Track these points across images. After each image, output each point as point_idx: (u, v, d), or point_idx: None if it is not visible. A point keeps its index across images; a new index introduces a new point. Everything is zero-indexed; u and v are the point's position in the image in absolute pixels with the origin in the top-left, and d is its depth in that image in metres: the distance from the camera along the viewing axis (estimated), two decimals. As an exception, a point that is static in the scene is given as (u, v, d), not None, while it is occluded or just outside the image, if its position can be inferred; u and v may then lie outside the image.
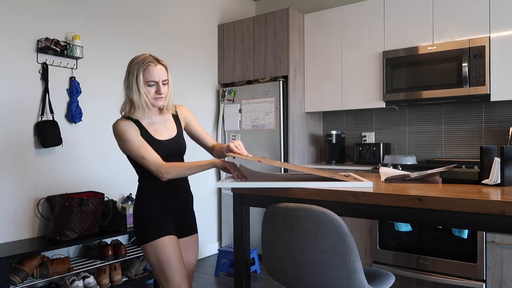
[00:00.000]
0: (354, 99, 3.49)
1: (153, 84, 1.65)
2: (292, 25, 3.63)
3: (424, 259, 2.77)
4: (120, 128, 1.65)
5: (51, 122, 2.65)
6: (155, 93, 1.67)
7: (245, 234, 1.67)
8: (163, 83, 1.68)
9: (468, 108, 3.27)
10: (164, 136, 1.74)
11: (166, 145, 1.72)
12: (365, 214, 1.37)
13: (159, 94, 1.67)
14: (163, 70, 1.68)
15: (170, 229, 1.71)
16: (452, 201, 1.19)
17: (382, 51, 3.31)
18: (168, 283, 1.63)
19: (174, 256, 1.65)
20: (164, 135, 1.74)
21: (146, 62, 1.64)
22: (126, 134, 1.64)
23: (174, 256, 1.65)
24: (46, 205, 2.67)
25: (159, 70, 1.66)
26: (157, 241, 1.64)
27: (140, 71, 1.63)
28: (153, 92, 1.66)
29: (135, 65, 1.65)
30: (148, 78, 1.64)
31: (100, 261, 2.66)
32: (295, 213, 1.34)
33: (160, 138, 1.72)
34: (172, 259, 1.64)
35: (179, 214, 1.79)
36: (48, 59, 2.68)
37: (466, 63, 2.88)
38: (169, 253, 1.64)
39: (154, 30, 3.43)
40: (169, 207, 1.75)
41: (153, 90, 1.66)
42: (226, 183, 1.56)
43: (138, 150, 1.64)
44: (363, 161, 3.49)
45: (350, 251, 1.26)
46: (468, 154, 3.27)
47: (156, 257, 1.64)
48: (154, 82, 1.65)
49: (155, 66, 1.65)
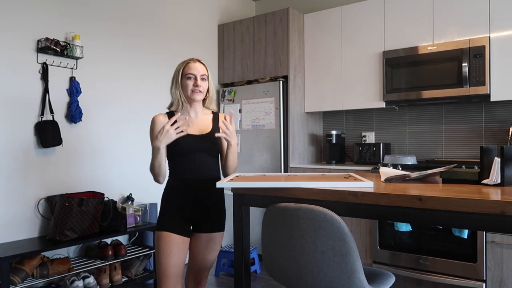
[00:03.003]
0: (354, 99, 3.49)
1: (192, 77, 1.82)
2: (292, 25, 3.63)
3: (424, 259, 2.77)
4: (151, 122, 1.86)
5: (51, 122, 2.65)
6: (193, 86, 1.81)
7: (245, 234, 1.67)
8: (202, 78, 1.84)
9: (468, 108, 3.27)
10: (195, 131, 1.85)
11: (194, 139, 1.82)
12: (365, 214, 1.37)
13: (196, 86, 1.81)
14: (202, 67, 1.85)
15: (176, 225, 1.78)
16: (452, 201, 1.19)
17: (382, 51, 3.31)
18: (158, 273, 1.79)
19: (164, 252, 1.75)
20: (196, 130, 1.85)
21: (188, 61, 1.85)
22: (152, 128, 1.83)
23: (164, 252, 1.75)
24: (46, 205, 2.67)
25: (198, 66, 1.84)
26: (158, 232, 1.80)
27: (181, 67, 1.84)
28: (192, 85, 1.82)
29: (178, 65, 1.87)
30: (187, 71, 1.82)
31: (100, 261, 2.66)
32: (295, 213, 1.34)
33: (190, 133, 1.83)
34: (162, 255, 1.76)
35: (197, 211, 1.83)
36: (48, 59, 2.68)
37: (466, 63, 2.88)
38: (162, 248, 1.76)
39: (154, 30, 3.43)
40: (184, 203, 1.82)
41: (191, 83, 1.82)
42: (226, 183, 1.56)
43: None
44: (363, 161, 3.49)
45: (350, 251, 1.26)
46: (468, 154, 3.26)
47: (156, 245, 1.81)
48: (192, 75, 1.82)
49: (194, 63, 1.84)
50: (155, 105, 3.42)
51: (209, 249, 1.88)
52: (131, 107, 3.24)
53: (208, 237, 1.87)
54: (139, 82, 3.31)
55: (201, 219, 1.85)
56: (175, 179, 1.84)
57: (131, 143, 3.22)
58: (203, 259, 1.88)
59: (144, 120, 3.32)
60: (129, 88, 3.23)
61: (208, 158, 1.86)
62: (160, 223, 1.81)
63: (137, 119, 3.27)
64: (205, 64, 1.88)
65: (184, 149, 1.80)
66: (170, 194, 1.84)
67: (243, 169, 3.80)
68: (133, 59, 3.26)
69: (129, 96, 3.23)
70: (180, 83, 1.83)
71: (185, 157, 1.81)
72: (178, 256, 1.77)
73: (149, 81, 3.39)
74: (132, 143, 3.23)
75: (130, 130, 3.22)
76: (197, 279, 1.92)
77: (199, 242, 1.87)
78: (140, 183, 3.27)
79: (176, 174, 1.83)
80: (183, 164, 1.82)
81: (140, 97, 3.31)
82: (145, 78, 3.36)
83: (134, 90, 3.27)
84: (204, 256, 1.88)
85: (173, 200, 1.83)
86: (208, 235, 1.87)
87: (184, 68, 1.83)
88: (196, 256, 1.88)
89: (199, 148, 1.83)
